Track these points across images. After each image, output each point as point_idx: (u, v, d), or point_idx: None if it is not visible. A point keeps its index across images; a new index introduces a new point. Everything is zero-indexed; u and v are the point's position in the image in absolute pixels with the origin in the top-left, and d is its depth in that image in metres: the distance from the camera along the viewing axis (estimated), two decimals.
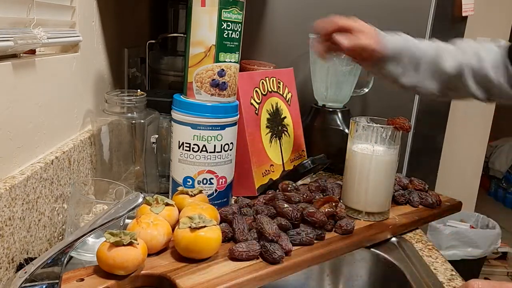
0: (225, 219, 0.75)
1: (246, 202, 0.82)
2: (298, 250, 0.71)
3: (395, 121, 0.85)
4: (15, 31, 0.61)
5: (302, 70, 1.31)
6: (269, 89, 1.01)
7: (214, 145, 0.81)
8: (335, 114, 1.23)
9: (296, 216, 0.74)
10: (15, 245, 0.60)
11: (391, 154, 0.85)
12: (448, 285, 0.71)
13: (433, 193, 0.97)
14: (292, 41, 1.34)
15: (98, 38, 0.96)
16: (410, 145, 1.33)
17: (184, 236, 0.64)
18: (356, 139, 0.87)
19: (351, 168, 0.88)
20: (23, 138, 0.65)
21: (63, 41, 0.78)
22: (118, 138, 0.87)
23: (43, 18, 0.70)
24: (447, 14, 1.34)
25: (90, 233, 0.54)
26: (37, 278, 0.52)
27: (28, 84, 0.66)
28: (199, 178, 0.82)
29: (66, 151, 0.75)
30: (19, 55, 0.66)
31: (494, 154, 3.43)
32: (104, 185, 0.82)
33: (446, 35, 1.37)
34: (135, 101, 0.86)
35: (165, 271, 0.62)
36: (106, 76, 1.03)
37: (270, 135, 0.99)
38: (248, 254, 0.66)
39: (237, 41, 0.81)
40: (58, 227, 0.74)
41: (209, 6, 0.77)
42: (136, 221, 0.67)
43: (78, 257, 0.69)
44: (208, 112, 0.80)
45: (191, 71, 0.80)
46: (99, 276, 0.59)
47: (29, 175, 0.62)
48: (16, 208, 0.59)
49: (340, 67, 1.20)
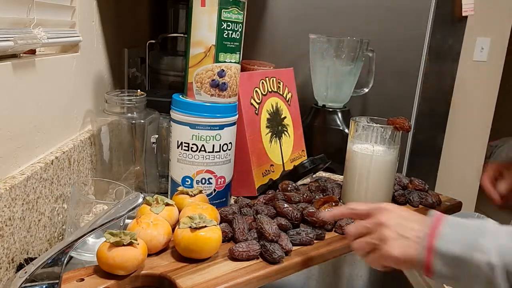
0: (225, 219, 0.75)
1: (246, 202, 0.82)
2: (298, 250, 0.71)
3: (395, 121, 0.85)
4: (15, 31, 0.61)
5: (302, 70, 1.31)
6: (269, 89, 1.01)
7: (213, 145, 0.81)
8: (335, 114, 1.23)
9: (296, 216, 0.74)
10: (15, 245, 0.60)
11: (391, 154, 0.85)
12: (448, 285, 0.71)
13: (433, 193, 0.97)
14: (292, 41, 1.34)
15: (98, 38, 0.96)
16: (410, 145, 1.33)
17: (184, 236, 0.64)
18: (356, 139, 0.87)
19: (351, 168, 0.88)
20: (23, 138, 0.65)
21: (63, 41, 0.78)
22: (118, 138, 0.87)
23: (43, 18, 0.70)
24: (447, 14, 1.34)
25: (90, 233, 0.54)
26: (37, 278, 0.52)
27: (28, 84, 0.66)
28: (198, 177, 0.82)
29: (66, 151, 0.75)
30: (19, 55, 0.66)
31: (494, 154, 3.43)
32: (104, 185, 0.82)
33: (446, 35, 1.38)
34: (135, 101, 0.86)
35: (165, 271, 0.62)
36: (106, 76, 1.03)
37: (270, 135, 0.99)
38: (248, 254, 0.66)
39: (238, 41, 0.81)
40: (58, 227, 0.74)
41: (209, 6, 0.77)
42: (136, 221, 0.67)
43: (78, 257, 0.69)
44: (206, 112, 0.80)
45: (191, 72, 0.80)
46: (99, 276, 0.59)
47: (29, 175, 0.62)
48: (16, 208, 0.59)
49: (340, 67, 1.20)
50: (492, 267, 0.48)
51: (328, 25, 1.30)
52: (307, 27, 1.31)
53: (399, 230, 0.56)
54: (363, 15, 1.29)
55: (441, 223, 0.54)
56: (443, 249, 0.52)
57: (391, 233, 0.56)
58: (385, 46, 1.27)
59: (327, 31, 1.24)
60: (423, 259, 0.53)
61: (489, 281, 0.48)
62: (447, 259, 0.51)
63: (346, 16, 1.29)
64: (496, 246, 0.49)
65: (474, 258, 0.49)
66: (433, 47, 1.28)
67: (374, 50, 1.24)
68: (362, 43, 1.19)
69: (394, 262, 0.56)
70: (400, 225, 0.56)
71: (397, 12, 1.26)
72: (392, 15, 1.27)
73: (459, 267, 0.50)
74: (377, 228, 0.58)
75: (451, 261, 0.51)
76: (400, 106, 1.31)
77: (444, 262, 0.52)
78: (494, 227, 0.52)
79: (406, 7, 1.26)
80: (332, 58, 1.19)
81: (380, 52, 1.25)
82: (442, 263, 0.52)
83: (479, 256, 0.49)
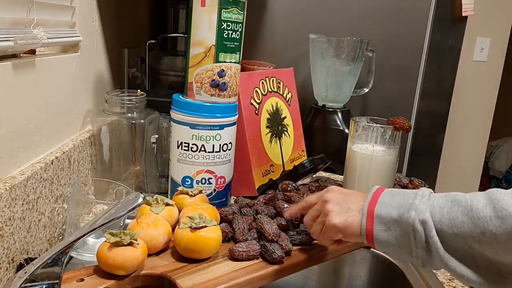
0: (225, 219, 0.75)
1: (246, 202, 0.82)
2: (298, 250, 0.71)
3: (395, 121, 0.85)
4: (15, 31, 0.61)
5: (302, 70, 1.31)
6: (269, 89, 1.01)
7: (213, 145, 0.81)
8: (335, 114, 1.23)
9: (296, 216, 0.74)
10: (15, 245, 0.60)
11: (391, 154, 0.85)
12: (448, 285, 0.71)
13: None
14: (292, 41, 1.34)
15: (98, 38, 0.96)
16: (410, 145, 1.33)
17: (184, 236, 0.64)
18: (356, 139, 0.87)
19: (351, 168, 0.88)
20: (23, 138, 0.65)
21: (63, 41, 0.78)
22: (118, 138, 0.87)
23: (43, 18, 0.70)
24: (447, 14, 1.35)
25: (90, 233, 0.54)
26: (37, 278, 0.52)
27: (28, 84, 0.66)
28: (198, 177, 0.82)
29: (66, 151, 0.75)
30: (19, 55, 0.66)
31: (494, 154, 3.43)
32: (104, 185, 0.82)
33: (446, 35, 1.38)
34: (135, 101, 0.86)
35: (165, 271, 0.62)
36: (106, 76, 1.03)
37: (270, 135, 0.99)
38: (248, 254, 0.66)
39: (238, 41, 0.81)
40: (58, 227, 0.74)
41: (209, 6, 0.77)
42: (136, 221, 0.67)
43: (78, 257, 0.69)
44: (206, 112, 0.80)
45: (192, 71, 0.80)
46: (99, 276, 0.59)
47: (29, 175, 0.62)
48: (16, 208, 0.59)
49: (340, 67, 1.20)
50: (424, 223, 0.51)
51: (328, 25, 1.30)
52: (307, 27, 1.31)
53: (341, 203, 0.60)
54: (363, 15, 1.29)
55: (381, 193, 0.57)
56: (383, 213, 0.55)
57: (334, 206, 0.61)
58: (385, 46, 1.28)
59: (327, 31, 1.24)
60: (364, 226, 0.56)
61: (425, 238, 0.51)
62: (387, 223, 0.55)
63: (346, 16, 1.29)
64: (429, 206, 0.52)
65: (410, 218, 0.52)
66: (433, 47, 1.28)
67: (374, 50, 1.24)
68: (362, 43, 1.19)
69: (338, 231, 0.60)
70: (343, 199, 0.61)
71: (397, 12, 1.26)
72: (392, 15, 1.27)
73: (398, 229, 0.54)
74: (322, 206, 0.62)
75: (390, 224, 0.54)
76: (400, 106, 1.31)
77: (384, 227, 0.55)
78: (428, 191, 0.55)
79: (406, 7, 1.26)
80: (332, 58, 1.19)
81: (380, 52, 1.25)
82: (382, 228, 0.55)
83: (414, 215, 0.52)
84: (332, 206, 0.61)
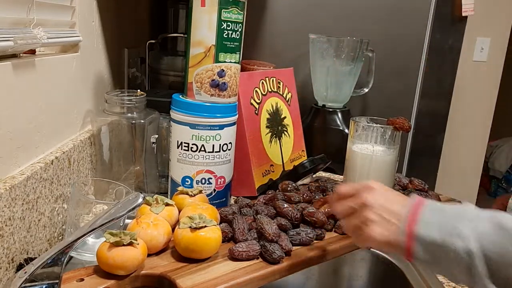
0: (225, 219, 0.75)
1: (246, 202, 0.82)
2: (298, 250, 0.71)
3: (395, 121, 0.85)
4: (15, 31, 0.61)
5: (302, 70, 1.31)
6: (269, 89, 1.01)
7: (213, 145, 0.81)
8: (335, 114, 1.23)
9: (296, 216, 0.74)
10: (15, 245, 0.60)
11: (391, 154, 0.85)
12: (448, 285, 0.71)
13: (433, 193, 0.97)
14: (292, 41, 1.34)
15: (98, 38, 0.96)
16: (410, 145, 1.33)
17: (184, 236, 0.64)
18: (356, 139, 0.87)
19: (351, 168, 0.88)
20: (23, 138, 0.65)
21: (63, 41, 0.78)
22: (118, 138, 0.87)
23: (43, 18, 0.70)
24: (447, 14, 1.35)
25: (90, 233, 0.54)
26: (37, 278, 0.52)
27: (28, 84, 0.66)
28: (198, 178, 0.82)
29: (66, 151, 0.75)
30: (19, 55, 0.66)
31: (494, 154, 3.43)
32: (104, 185, 0.82)
33: (446, 35, 1.38)
34: (135, 101, 0.86)
35: (165, 271, 0.62)
36: (106, 76, 1.03)
37: (270, 135, 0.99)
38: (248, 254, 0.66)
39: (238, 41, 0.81)
40: (58, 227, 0.74)
41: (209, 6, 0.77)
42: (136, 221, 0.67)
43: (78, 257, 0.69)
44: (206, 112, 0.80)
45: (191, 71, 0.80)
46: (99, 276, 0.59)
47: (29, 175, 0.62)
48: (16, 208, 0.59)
49: (340, 67, 1.20)
50: (470, 253, 0.48)
51: (328, 25, 1.30)
52: (307, 27, 1.31)
53: (381, 212, 0.57)
54: (363, 15, 1.29)
55: (421, 208, 0.54)
56: (423, 235, 0.52)
57: (374, 215, 0.57)
58: (385, 46, 1.28)
59: (327, 31, 1.24)
60: (404, 244, 0.54)
61: (468, 266, 0.49)
62: (427, 245, 0.52)
63: (346, 16, 1.29)
64: (474, 232, 0.49)
65: (453, 245, 0.50)
66: (433, 47, 1.28)
67: (374, 50, 1.24)
68: (362, 43, 1.19)
69: (376, 244, 0.57)
70: (383, 207, 0.57)
71: (397, 12, 1.26)
72: (392, 15, 1.27)
73: (439, 253, 0.51)
74: (361, 208, 0.58)
75: (431, 247, 0.52)
76: (400, 106, 1.31)
77: (424, 247, 0.52)
78: (473, 212, 0.52)
79: (406, 7, 1.26)
80: (332, 58, 1.19)
81: (380, 52, 1.25)
82: (422, 249, 0.52)
83: (458, 243, 0.49)
84: (372, 215, 0.56)
